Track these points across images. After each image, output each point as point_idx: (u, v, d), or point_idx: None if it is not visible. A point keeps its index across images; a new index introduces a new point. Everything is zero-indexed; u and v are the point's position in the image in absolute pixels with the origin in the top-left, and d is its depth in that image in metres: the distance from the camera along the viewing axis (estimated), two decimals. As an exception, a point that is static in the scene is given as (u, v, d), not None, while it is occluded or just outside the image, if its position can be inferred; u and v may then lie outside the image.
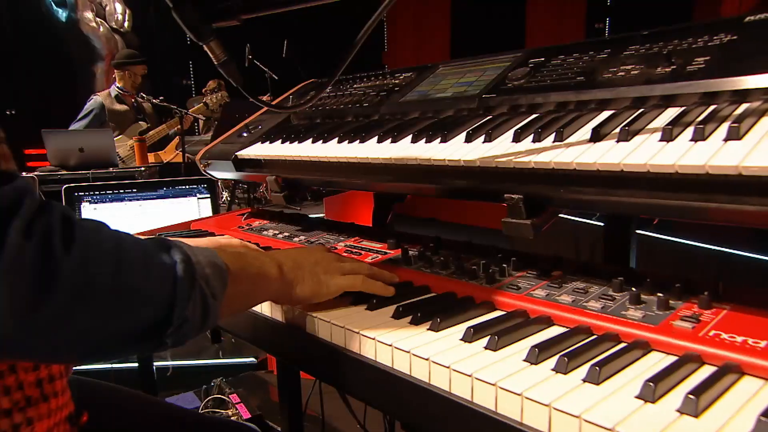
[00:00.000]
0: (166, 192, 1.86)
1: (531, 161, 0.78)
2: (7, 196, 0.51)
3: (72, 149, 3.46)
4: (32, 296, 0.50)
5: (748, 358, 0.59)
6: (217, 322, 0.69)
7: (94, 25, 6.38)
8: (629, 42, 0.94)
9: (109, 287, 0.56)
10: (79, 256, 0.54)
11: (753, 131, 0.64)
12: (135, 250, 0.60)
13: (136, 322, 0.60)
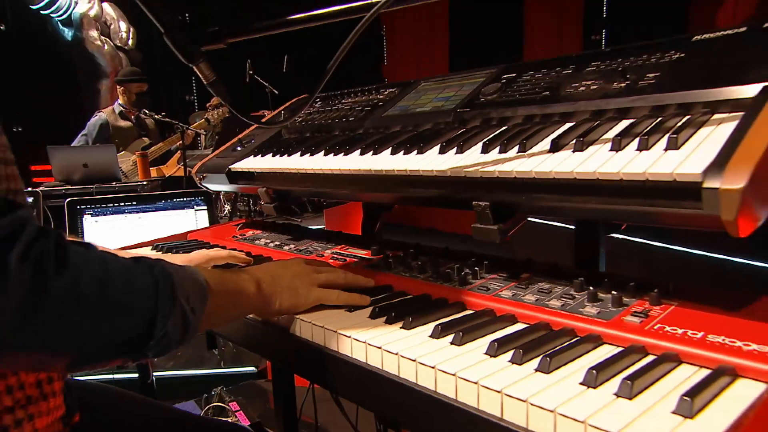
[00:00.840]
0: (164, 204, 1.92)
1: (496, 171, 0.84)
2: (9, 224, 0.57)
3: (76, 165, 3.53)
4: (24, 315, 0.56)
5: (685, 347, 0.64)
6: (196, 335, 0.74)
7: (98, 43, 6.51)
8: (592, 59, 1.00)
9: (96, 305, 0.62)
10: (70, 277, 0.59)
11: (690, 141, 0.70)
12: (119, 270, 0.66)
13: (120, 336, 0.65)
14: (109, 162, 3.69)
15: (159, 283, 0.68)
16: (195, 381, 3.02)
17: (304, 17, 0.86)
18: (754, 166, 0.60)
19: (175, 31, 0.84)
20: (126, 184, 3.68)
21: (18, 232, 0.57)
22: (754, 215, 0.63)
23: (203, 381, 3.00)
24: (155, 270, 0.70)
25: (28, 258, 0.56)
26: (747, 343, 0.62)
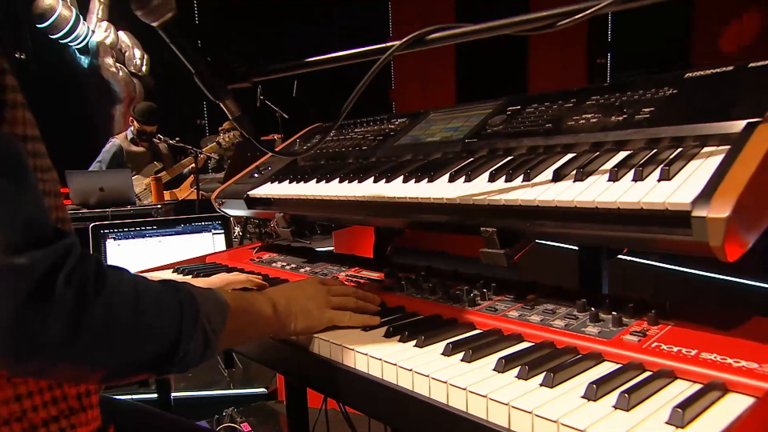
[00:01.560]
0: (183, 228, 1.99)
1: (502, 199, 0.90)
2: (57, 251, 0.63)
3: (93, 189, 3.63)
4: (68, 331, 0.62)
5: (680, 364, 0.69)
6: (216, 354, 0.80)
7: (113, 70, 6.67)
8: (592, 93, 1.07)
9: (128, 324, 0.69)
10: (107, 299, 0.66)
11: (681, 173, 0.76)
12: (149, 293, 0.72)
13: (148, 353, 0.72)
14: (124, 186, 3.78)
15: (183, 305, 0.75)
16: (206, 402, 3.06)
17: (324, 59, 0.93)
18: (737, 196, 0.65)
19: (204, 72, 0.92)
20: (141, 207, 3.76)
21: (64, 258, 0.63)
22: (741, 241, 0.68)
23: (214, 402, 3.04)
24: (181, 293, 0.77)
25: (71, 281, 0.63)
26: (737, 360, 0.67)
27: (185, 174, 5.01)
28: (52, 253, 0.62)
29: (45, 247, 0.61)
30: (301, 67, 0.96)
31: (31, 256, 0.60)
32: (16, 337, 0.59)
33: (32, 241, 0.61)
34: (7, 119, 0.68)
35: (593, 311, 0.85)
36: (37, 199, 0.65)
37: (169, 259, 1.59)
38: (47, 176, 0.74)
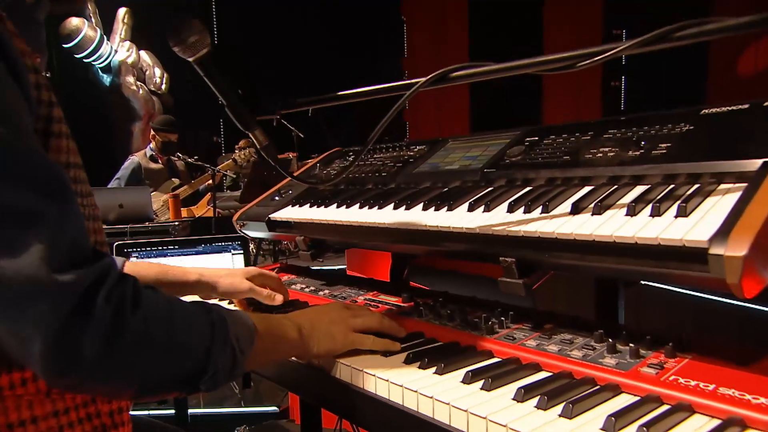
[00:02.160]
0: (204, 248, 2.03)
1: (521, 230, 0.92)
2: (97, 271, 0.67)
3: (113, 205, 3.69)
4: (106, 345, 0.65)
5: (698, 399, 0.70)
6: (243, 374, 0.83)
7: (134, 88, 6.82)
8: (608, 126, 1.09)
9: (162, 341, 0.72)
10: (142, 317, 0.69)
11: (698, 209, 0.78)
12: (182, 312, 0.76)
13: (180, 369, 0.75)
14: (143, 203, 3.84)
15: (215, 324, 0.78)
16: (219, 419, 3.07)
17: (349, 93, 0.97)
18: (755, 235, 0.67)
19: (235, 104, 0.96)
20: (159, 224, 3.82)
21: (104, 277, 0.67)
22: (758, 278, 0.69)
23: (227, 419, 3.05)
24: (212, 313, 0.79)
25: (110, 299, 0.66)
26: (756, 397, 0.68)
27: (201, 191, 5.08)
28: (93, 272, 0.65)
29: (87, 266, 0.65)
30: (328, 101, 0.99)
31: (75, 274, 0.63)
32: (57, 350, 0.62)
33: (75, 261, 0.64)
34: (53, 148, 0.72)
35: (610, 342, 0.86)
36: (80, 222, 0.69)
37: (190, 279, 1.62)
38: (87, 201, 0.78)
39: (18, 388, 0.70)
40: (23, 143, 0.65)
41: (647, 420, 0.65)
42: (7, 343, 0.64)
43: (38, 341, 0.61)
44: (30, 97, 0.69)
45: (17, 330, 0.62)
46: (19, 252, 0.60)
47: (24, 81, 0.67)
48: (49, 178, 0.66)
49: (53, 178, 0.67)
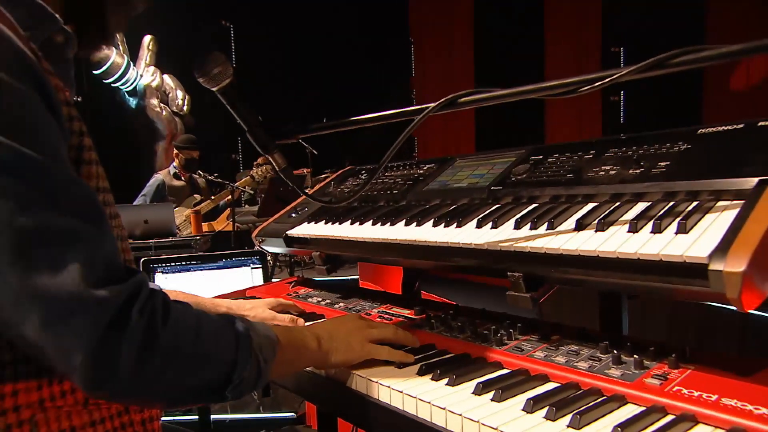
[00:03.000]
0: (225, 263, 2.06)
1: (528, 246, 0.92)
2: (131, 286, 0.68)
3: (138, 221, 3.73)
4: (140, 356, 0.66)
5: (701, 409, 0.69)
6: (267, 383, 0.83)
7: (158, 110, 6.92)
8: (610, 144, 1.09)
9: (191, 353, 0.73)
10: (172, 330, 0.71)
11: (697, 226, 0.77)
12: (209, 325, 0.77)
13: (208, 379, 0.76)
14: (167, 219, 3.88)
15: (239, 336, 0.79)
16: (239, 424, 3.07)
17: (363, 119, 0.98)
18: (753, 251, 0.67)
19: (256, 129, 0.97)
20: (181, 238, 3.85)
21: (137, 292, 0.68)
22: (757, 292, 0.69)
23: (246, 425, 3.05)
24: (237, 325, 0.80)
25: (143, 312, 0.68)
26: (757, 407, 0.67)
27: (221, 207, 5.13)
28: (127, 287, 0.67)
29: (122, 282, 0.66)
30: (342, 126, 1.01)
31: (111, 290, 0.65)
32: (97, 361, 0.64)
33: (111, 277, 0.66)
34: (84, 174, 0.74)
35: (615, 354, 0.85)
36: (113, 242, 0.70)
37: (211, 292, 1.63)
38: (115, 222, 0.80)
39: (58, 399, 0.72)
40: (62, 171, 0.67)
41: (652, 430, 0.65)
42: (48, 356, 0.65)
43: (79, 353, 0.63)
44: (65, 129, 0.71)
45: (59, 343, 0.63)
46: (61, 270, 0.62)
47: (59, 114, 0.69)
48: (86, 202, 0.68)
49: (90, 202, 0.69)
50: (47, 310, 0.62)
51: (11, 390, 0.68)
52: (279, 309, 1.29)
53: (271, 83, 7.25)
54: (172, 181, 5.01)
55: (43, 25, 0.75)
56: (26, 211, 0.61)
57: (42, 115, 0.66)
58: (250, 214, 5.35)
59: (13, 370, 0.68)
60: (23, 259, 0.61)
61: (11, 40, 0.64)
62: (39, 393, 0.70)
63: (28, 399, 0.69)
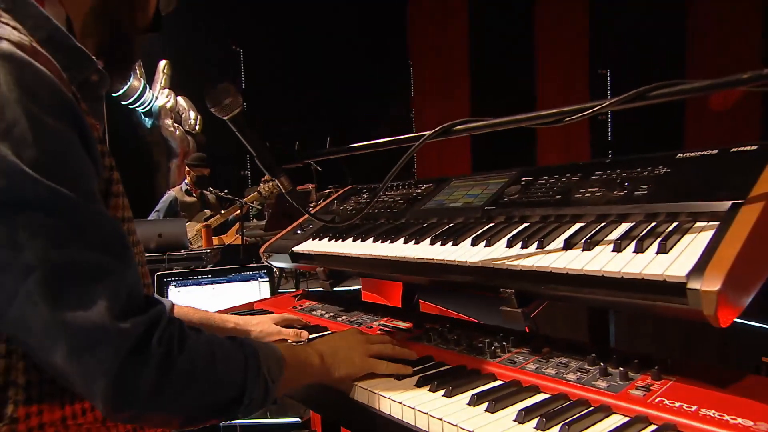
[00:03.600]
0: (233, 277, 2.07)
1: (519, 264, 0.93)
2: (152, 317, 0.70)
3: (153, 235, 3.75)
4: (159, 381, 0.68)
5: (682, 419, 0.70)
6: (275, 400, 0.84)
7: (171, 129, 6.96)
8: (596, 167, 1.11)
9: (205, 378, 0.74)
10: (187, 357, 0.72)
11: (676, 246, 0.79)
12: (221, 350, 0.78)
13: (220, 400, 0.77)
14: (179, 233, 3.90)
15: (248, 359, 0.80)
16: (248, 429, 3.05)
17: (364, 145, 1.00)
18: (727, 270, 0.68)
19: (264, 155, 0.99)
20: (192, 251, 3.86)
21: (156, 323, 0.70)
22: (732, 308, 0.70)
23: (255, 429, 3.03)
24: (246, 348, 0.82)
25: (162, 341, 0.69)
26: (734, 418, 0.68)
27: (230, 221, 5.14)
28: (147, 319, 0.68)
29: (143, 314, 0.68)
30: (343, 152, 1.03)
31: (133, 321, 0.66)
32: (118, 386, 0.65)
33: (133, 309, 0.67)
34: (112, 205, 0.76)
35: (602, 366, 0.86)
36: (136, 273, 0.72)
37: (221, 304, 1.64)
38: (137, 249, 0.81)
39: (79, 417, 0.73)
40: (93, 208, 0.68)
41: (636, 441, 0.65)
42: (72, 381, 0.66)
43: (101, 380, 0.64)
44: (98, 165, 0.73)
45: (84, 370, 0.65)
46: (88, 303, 0.64)
47: (94, 152, 0.71)
48: (114, 238, 0.70)
49: (117, 237, 0.70)
50: (74, 340, 0.63)
51: (37, 410, 0.70)
52: (284, 324, 1.30)
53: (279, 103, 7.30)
54: (184, 197, 5.04)
55: (81, 67, 0.77)
56: (58, 246, 0.63)
57: (78, 155, 0.68)
58: (258, 228, 5.37)
59: (38, 391, 0.70)
60: (54, 292, 0.63)
61: (54, 84, 0.66)
62: (62, 411, 0.72)
63: (51, 417, 0.71)
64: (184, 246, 3.90)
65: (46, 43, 0.72)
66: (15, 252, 0.62)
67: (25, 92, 0.63)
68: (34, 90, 0.64)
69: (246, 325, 1.28)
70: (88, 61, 0.78)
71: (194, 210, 5.06)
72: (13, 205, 0.62)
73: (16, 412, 0.68)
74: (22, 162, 0.62)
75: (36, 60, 0.65)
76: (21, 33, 0.68)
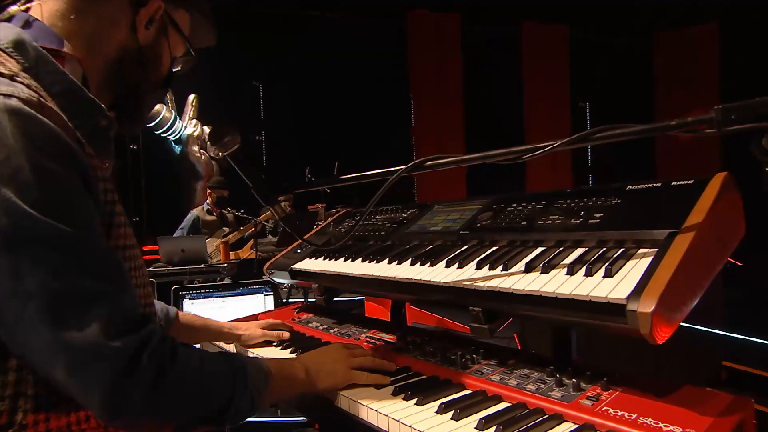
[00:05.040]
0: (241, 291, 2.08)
1: (485, 285, 0.94)
2: (145, 334, 0.71)
3: (176, 250, 3.78)
4: (150, 393, 0.69)
5: (623, 427, 0.70)
6: (261, 410, 0.85)
7: (198, 155, 7.03)
8: (557, 197, 1.11)
9: (194, 390, 0.75)
10: (177, 370, 0.73)
11: (620, 271, 0.79)
12: (210, 365, 0.79)
13: (208, 410, 0.77)
14: (200, 249, 3.93)
15: (236, 373, 0.81)
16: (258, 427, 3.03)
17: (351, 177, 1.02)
18: (660, 294, 0.69)
19: (260, 186, 1.01)
20: (212, 265, 3.89)
21: (148, 340, 0.71)
22: (666, 326, 0.71)
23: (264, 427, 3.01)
24: (234, 363, 0.83)
25: (152, 358, 0.70)
26: (667, 425, 0.68)
27: (246, 237, 5.17)
28: (140, 337, 0.69)
29: (135, 333, 0.69)
30: (332, 183, 1.05)
31: (126, 340, 0.67)
32: (111, 399, 0.66)
33: (128, 328, 0.68)
34: (113, 235, 0.77)
35: (558, 377, 0.86)
36: (132, 297, 0.73)
37: (230, 315, 1.65)
38: (139, 273, 0.82)
39: (83, 423, 0.73)
40: (92, 241, 0.70)
41: (580, 448, 0.65)
42: (74, 393, 0.68)
43: (97, 392, 0.66)
44: (99, 202, 0.74)
45: (82, 384, 0.66)
46: (85, 326, 0.65)
47: (95, 191, 0.73)
48: (110, 266, 0.71)
49: (113, 266, 0.72)
50: (72, 358, 0.65)
51: (44, 417, 0.71)
52: (269, 327, 1.33)
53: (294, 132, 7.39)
54: (205, 216, 5.08)
55: (91, 116, 0.79)
56: (58, 276, 0.65)
57: (78, 193, 0.69)
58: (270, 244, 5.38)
59: (46, 400, 0.71)
60: (55, 317, 0.64)
61: (57, 134, 0.68)
62: (67, 418, 0.72)
63: (58, 423, 0.71)
64: (205, 260, 3.93)
65: (61, 96, 0.74)
66: (18, 282, 0.64)
67: (29, 142, 0.65)
68: (38, 140, 0.66)
69: (236, 330, 1.31)
70: (98, 111, 0.80)
71: (214, 227, 5.09)
72: (16, 241, 0.64)
73: (26, 419, 0.69)
74: (24, 203, 0.63)
75: (42, 113, 0.67)
76: (32, 90, 0.70)
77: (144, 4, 0.85)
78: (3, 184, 0.63)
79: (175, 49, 0.93)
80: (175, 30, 0.91)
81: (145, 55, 0.88)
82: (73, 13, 0.81)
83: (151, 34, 0.88)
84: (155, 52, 0.90)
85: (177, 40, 0.93)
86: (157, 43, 0.90)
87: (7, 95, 0.65)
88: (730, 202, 0.84)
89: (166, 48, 0.92)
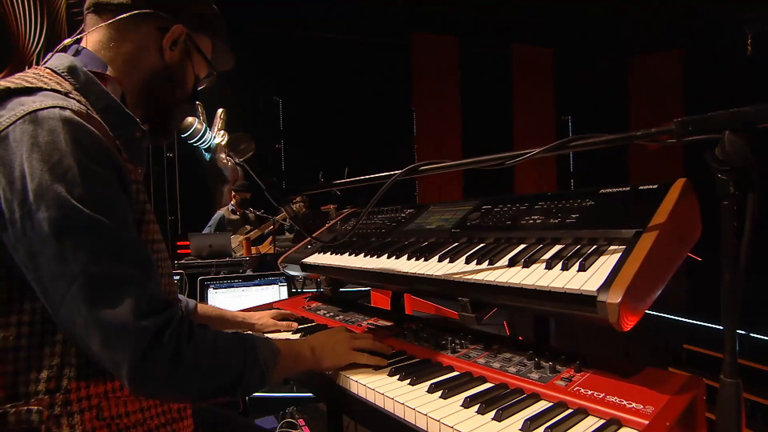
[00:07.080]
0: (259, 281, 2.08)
1: (473, 278, 0.93)
2: (167, 316, 0.71)
3: (205, 245, 3.79)
4: (170, 367, 0.70)
5: (592, 404, 0.69)
6: (270, 384, 0.85)
7: (225, 161, 7.07)
8: (539, 199, 1.10)
9: (208, 364, 0.75)
10: (194, 347, 0.73)
11: (593, 266, 0.78)
12: (223, 343, 0.79)
13: (221, 384, 0.77)
14: (225, 244, 3.94)
15: (247, 351, 0.81)
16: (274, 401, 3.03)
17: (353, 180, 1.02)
18: (626, 286, 0.68)
19: (272, 188, 1.01)
20: (235, 259, 3.90)
21: (170, 321, 0.72)
22: (632, 315, 0.70)
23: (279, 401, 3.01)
24: (246, 342, 0.83)
25: (173, 336, 0.71)
26: (629, 402, 0.68)
27: (266, 234, 5.18)
28: (163, 318, 0.69)
29: (158, 314, 0.69)
30: (335, 187, 1.04)
31: (151, 320, 0.68)
32: (137, 371, 0.67)
33: (153, 310, 0.69)
34: (144, 231, 0.78)
35: (536, 361, 0.85)
36: (158, 284, 0.73)
37: (248, 303, 1.66)
38: (164, 264, 0.83)
39: (117, 391, 0.74)
40: (125, 232, 0.71)
41: (553, 422, 0.65)
42: (106, 364, 0.69)
43: (125, 365, 0.66)
44: (132, 200, 0.76)
45: (112, 356, 0.67)
46: (117, 305, 0.67)
47: (130, 191, 0.75)
48: (140, 256, 0.72)
49: (143, 255, 0.73)
50: (105, 333, 0.66)
51: (85, 384, 0.72)
52: (279, 317, 1.33)
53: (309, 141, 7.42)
54: (230, 215, 5.11)
55: (128, 127, 0.82)
56: (97, 261, 0.66)
57: (116, 192, 0.71)
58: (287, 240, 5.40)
59: (87, 369, 0.72)
60: (91, 297, 0.66)
61: (101, 141, 0.71)
62: (104, 386, 0.73)
63: (96, 390, 0.72)
64: (229, 254, 3.94)
65: (104, 111, 0.78)
66: (65, 265, 0.65)
67: (78, 146, 0.68)
68: (85, 145, 0.69)
69: (250, 319, 1.32)
70: (133, 123, 0.83)
71: (238, 225, 5.12)
72: (65, 229, 0.66)
73: (70, 384, 0.70)
74: (72, 197, 0.66)
75: (89, 123, 0.71)
76: (82, 104, 0.74)
77: (168, 29, 0.87)
78: (56, 181, 0.66)
79: (198, 70, 0.95)
80: (197, 52, 0.92)
81: (172, 74, 0.90)
82: (113, 41, 0.85)
83: (176, 56, 0.90)
84: (181, 71, 0.92)
85: (200, 61, 0.94)
86: (182, 64, 0.92)
87: (63, 107, 0.69)
88: (689, 205, 0.83)
89: (190, 68, 0.93)
